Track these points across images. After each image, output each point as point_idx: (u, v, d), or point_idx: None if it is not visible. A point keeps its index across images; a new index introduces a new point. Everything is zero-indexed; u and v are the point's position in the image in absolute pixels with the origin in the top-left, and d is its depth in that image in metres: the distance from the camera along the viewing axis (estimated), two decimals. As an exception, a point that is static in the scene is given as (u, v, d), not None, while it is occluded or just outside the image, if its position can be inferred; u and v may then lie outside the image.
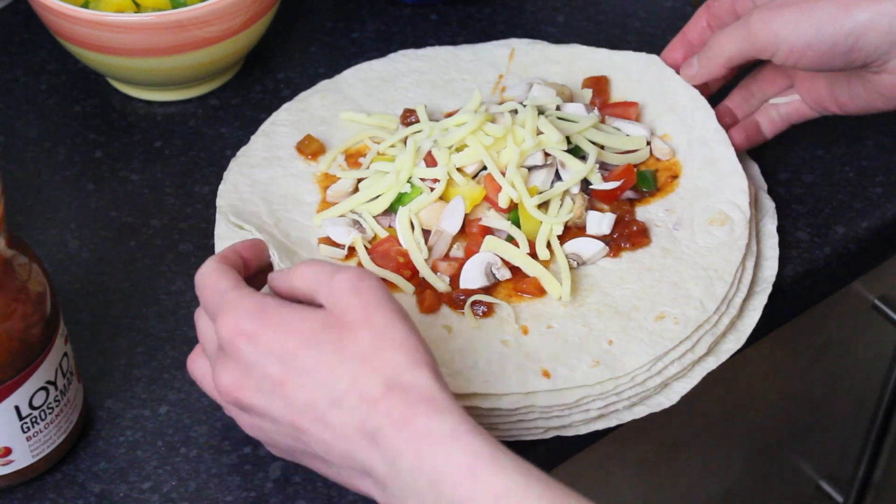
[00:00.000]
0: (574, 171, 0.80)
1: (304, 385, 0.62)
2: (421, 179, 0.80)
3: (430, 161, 0.80)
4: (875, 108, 0.82)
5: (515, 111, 0.82)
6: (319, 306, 0.64)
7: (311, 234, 0.80)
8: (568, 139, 0.81)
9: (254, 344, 0.63)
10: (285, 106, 0.89)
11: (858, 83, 0.81)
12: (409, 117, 0.86)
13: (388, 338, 0.62)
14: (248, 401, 0.64)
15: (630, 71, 0.89)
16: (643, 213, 0.81)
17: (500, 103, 0.86)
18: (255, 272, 0.73)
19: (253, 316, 0.63)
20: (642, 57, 0.89)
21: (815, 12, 0.77)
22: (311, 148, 0.85)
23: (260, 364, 0.63)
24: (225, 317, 0.64)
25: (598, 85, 0.88)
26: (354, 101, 0.89)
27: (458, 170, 0.79)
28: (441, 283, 0.77)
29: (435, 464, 0.58)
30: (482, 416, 0.71)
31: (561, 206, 0.79)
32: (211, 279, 0.67)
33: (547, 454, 0.74)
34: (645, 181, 0.81)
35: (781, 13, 0.78)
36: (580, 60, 0.90)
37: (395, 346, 0.61)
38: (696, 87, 0.85)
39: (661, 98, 0.86)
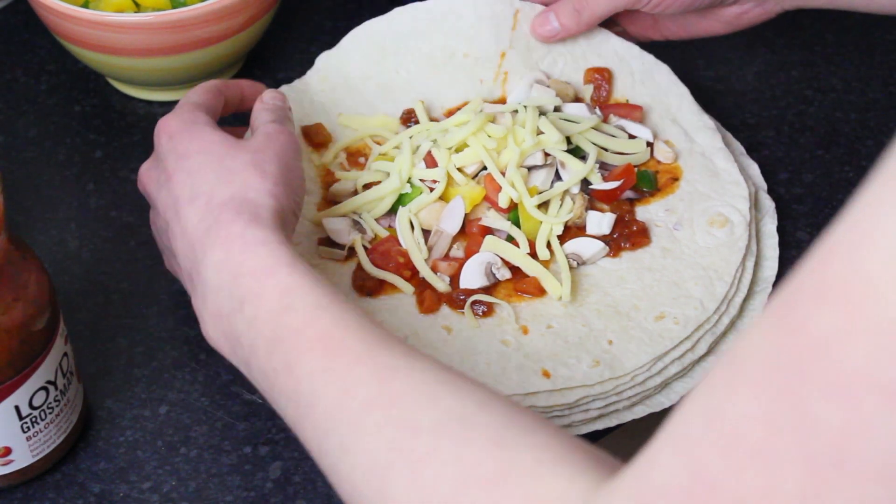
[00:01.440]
0: (574, 170, 0.80)
1: (181, 182, 0.68)
2: (420, 180, 0.80)
3: (430, 161, 0.80)
4: (711, 33, 0.87)
5: (516, 111, 0.82)
6: None
7: (312, 233, 0.80)
8: (568, 139, 0.81)
9: (170, 141, 0.71)
10: (285, 87, 0.87)
11: (697, 15, 0.86)
12: (409, 118, 0.86)
13: (261, 168, 0.69)
14: (149, 188, 0.72)
15: (633, 68, 0.88)
16: (643, 212, 0.81)
17: (501, 101, 0.86)
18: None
19: (184, 122, 0.72)
20: (650, 60, 0.88)
21: None
22: (318, 137, 0.84)
23: (165, 158, 0.70)
24: (167, 116, 0.73)
25: (602, 76, 0.87)
26: (353, 85, 0.87)
27: (458, 170, 0.79)
28: (441, 284, 0.76)
29: (239, 260, 0.64)
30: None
31: (561, 205, 0.79)
32: (196, 91, 0.76)
33: (547, 454, 0.74)
34: (645, 181, 0.81)
35: None
36: (581, 39, 0.89)
37: (261, 176, 0.68)
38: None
39: (665, 108, 0.86)
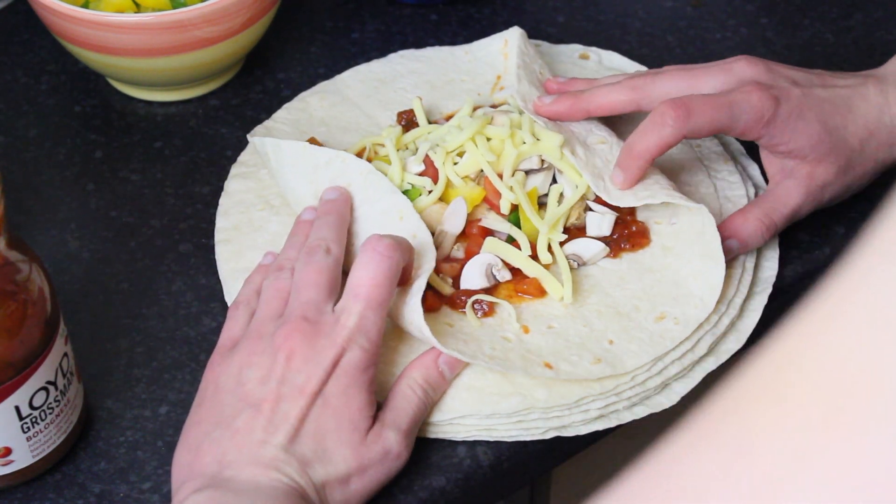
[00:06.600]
0: (572, 182, 0.79)
1: (284, 387, 0.67)
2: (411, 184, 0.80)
3: (428, 164, 0.79)
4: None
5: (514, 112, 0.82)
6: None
7: None
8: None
9: (288, 363, 0.67)
10: (285, 106, 0.89)
11: None
12: (408, 119, 0.86)
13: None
14: (243, 374, 0.68)
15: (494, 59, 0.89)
16: (643, 209, 0.81)
17: (494, 106, 0.86)
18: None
19: (314, 338, 0.68)
20: (501, 38, 0.90)
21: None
22: None
23: (276, 372, 0.67)
24: (323, 327, 0.69)
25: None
26: (353, 102, 0.89)
27: (456, 173, 0.79)
28: (446, 287, 0.76)
29: None
30: (482, 417, 0.71)
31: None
32: (382, 275, 0.70)
33: (547, 454, 0.74)
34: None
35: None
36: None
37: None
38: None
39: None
